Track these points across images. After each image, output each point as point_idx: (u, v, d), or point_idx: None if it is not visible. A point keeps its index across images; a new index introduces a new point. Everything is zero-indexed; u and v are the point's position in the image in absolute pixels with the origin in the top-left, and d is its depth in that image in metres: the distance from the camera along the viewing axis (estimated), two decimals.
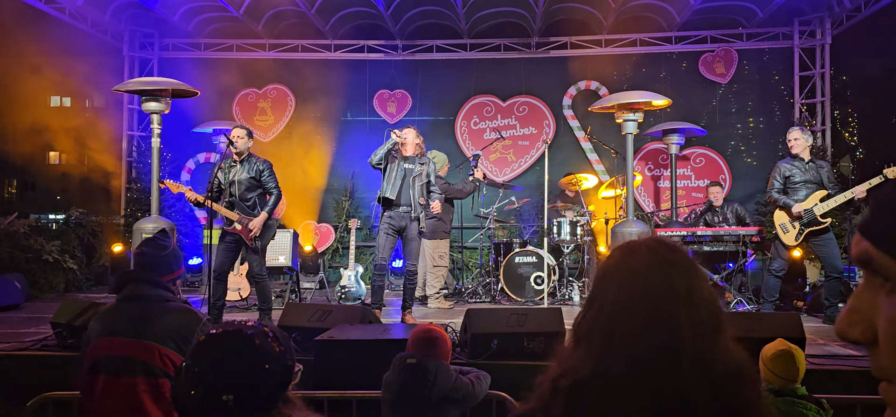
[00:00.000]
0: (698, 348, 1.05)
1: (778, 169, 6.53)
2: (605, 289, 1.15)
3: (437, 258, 7.71)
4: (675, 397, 1.03)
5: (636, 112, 7.70)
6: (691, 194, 10.55)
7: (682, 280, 1.10)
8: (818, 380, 3.89)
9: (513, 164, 11.00)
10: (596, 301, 1.15)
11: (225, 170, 6.06)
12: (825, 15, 10.21)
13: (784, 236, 6.47)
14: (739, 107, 10.69)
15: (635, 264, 1.14)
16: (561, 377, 1.11)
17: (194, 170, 11.13)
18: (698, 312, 1.08)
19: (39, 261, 8.72)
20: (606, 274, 1.17)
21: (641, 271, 1.12)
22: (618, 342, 1.07)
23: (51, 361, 4.56)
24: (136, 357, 2.53)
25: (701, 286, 1.11)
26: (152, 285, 2.69)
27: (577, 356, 1.12)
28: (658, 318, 1.07)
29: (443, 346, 3.05)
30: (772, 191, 6.52)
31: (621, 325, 1.08)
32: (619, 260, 1.17)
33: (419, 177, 6.40)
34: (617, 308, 1.10)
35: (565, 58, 11.01)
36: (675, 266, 1.12)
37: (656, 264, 1.12)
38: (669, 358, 1.04)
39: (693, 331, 1.06)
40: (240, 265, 7.59)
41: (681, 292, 1.09)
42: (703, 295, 1.10)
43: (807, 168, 6.41)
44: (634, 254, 1.15)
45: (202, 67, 11.12)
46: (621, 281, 1.13)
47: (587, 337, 1.13)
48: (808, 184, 6.38)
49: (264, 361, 1.55)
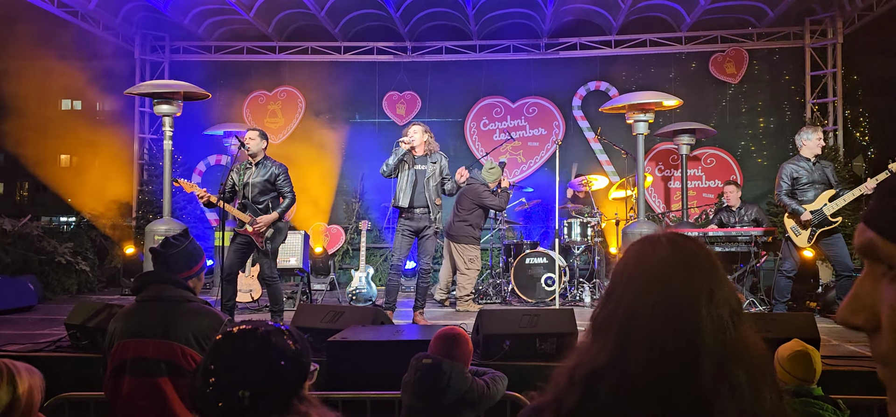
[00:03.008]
0: (718, 349, 1.03)
1: (784, 170, 6.48)
2: (624, 283, 1.13)
3: (467, 262, 7.55)
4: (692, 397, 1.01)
5: (647, 112, 7.68)
6: (702, 195, 10.51)
7: (703, 277, 1.08)
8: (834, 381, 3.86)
9: (523, 165, 10.99)
10: (614, 294, 1.14)
11: (239, 171, 6.08)
12: (836, 14, 10.14)
13: (796, 238, 6.43)
14: (750, 108, 10.64)
15: (655, 258, 1.12)
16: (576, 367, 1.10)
17: (205, 173, 11.18)
18: (719, 312, 1.06)
19: (52, 263, 8.78)
20: (625, 267, 1.15)
21: (662, 266, 1.10)
22: (635, 337, 1.06)
23: (66, 362, 4.59)
24: (162, 357, 2.55)
25: (722, 285, 1.09)
26: (173, 285, 2.71)
27: (594, 348, 1.11)
28: (678, 316, 1.05)
29: (464, 348, 3.04)
30: (780, 193, 6.47)
31: (640, 321, 1.07)
32: (639, 253, 1.15)
33: (433, 177, 6.35)
34: (636, 303, 1.09)
35: (575, 58, 10.99)
36: (697, 262, 1.10)
37: (678, 259, 1.10)
38: (688, 358, 1.03)
39: (714, 331, 1.04)
40: (251, 267, 7.62)
41: (702, 290, 1.07)
42: (724, 294, 1.08)
43: (813, 168, 6.38)
44: (655, 248, 1.13)
45: (213, 70, 11.20)
46: (641, 276, 1.11)
47: (604, 330, 1.11)
48: (816, 184, 6.35)
49: (280, 358, 1.55)
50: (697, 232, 7.37)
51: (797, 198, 6.40)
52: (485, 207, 7.64)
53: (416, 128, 6.41)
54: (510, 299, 8.02)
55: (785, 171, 6.46)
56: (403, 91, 11.17)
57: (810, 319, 4.43)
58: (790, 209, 6.39)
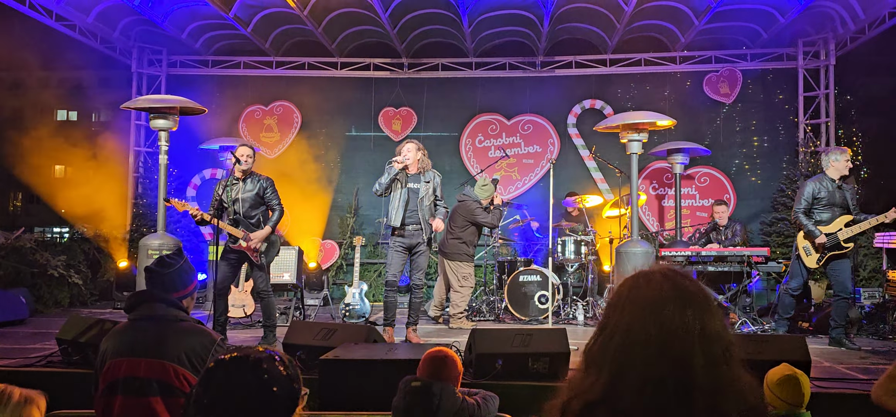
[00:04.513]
0: (710, 385, 1.04)
1: (806, 188, 6.43)
2: (618, 316, 1.14)
3: (460, 279, 7.55)
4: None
5: (641, 132, 7.72)
6: (696, 213, 10.55)
7: (696, 314, 1.09)
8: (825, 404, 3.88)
9: (517, 183, 11.02)
10: (608, 327, 1.14)
11: (228, 187, 6.09)
12: (829, 36, 10.24)
13: (807, 259, 6.42)
14: (744, 127, 10.71)
15: (649, 293, 1.13)
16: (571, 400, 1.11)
17: (200, 186, 11.18)
18: (712, 348, 1.07)
19: (45, 276, 8.74)
20: (619, 300, 1.16)
21: (655, 302, 1.11)
22: (628, 371, 1.07)
23: (57, 378, 4.57)
24: (154, 377, 2.54)
25: (715, 320, 1.10)
26: (166, 304, 2.71)
27: (588, 380, 1.12)
28: (671, 352, 1.06)
29: (452, 369, 3.05)
30: (798, 211, 6.42)
31: (633, 356, 1.08)
32: (632, 287, 1.16)
33: (426, 197, 6.35)
34: (629, 337, 1.10)
35: (570, 76, 11.06)
36: (690, 298, 1.11)
37: (671, 296, 1.11)
38: (680, 393, 1.04)
39: (705, 368, 1.05)
40: (245, 281, 7.61)
41: (695, 327, 1.08)
42: (716, 330, 1.09)
43: (835, 190, 6.34)
44: (649, 283, 1.14)
45: (209, 84, 11.23)
46: (634, 311, 1.12)
47: (598, 363, 1.12)
48: (835, 206, 6.32)
49: (272, 385, 1.56)
50: (690, 252, 7.40)
51: (813, 218, 6.38)
52: (477, 224, 7.65)
53: (410, 146, 6.37)
54: (504, 316, 8.01)
55: (807, 189, 6.41)
56: (399, 107, 11.21)
57: (802, 342, 4.44)
58: (806, 229, 6.35)
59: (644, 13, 9.61)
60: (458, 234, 7.58)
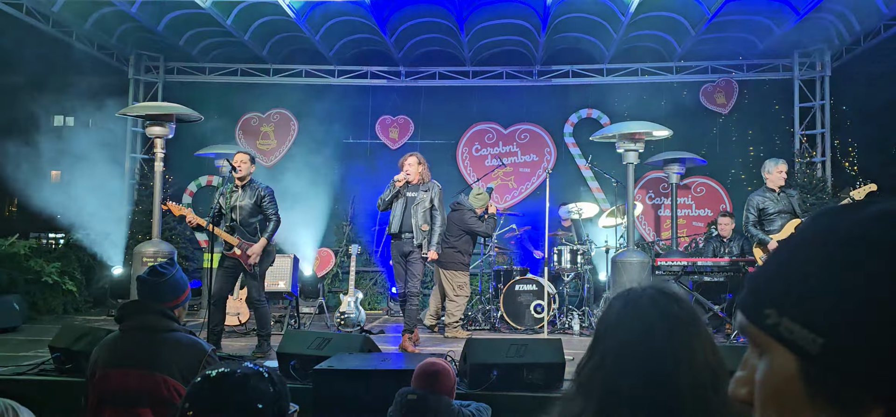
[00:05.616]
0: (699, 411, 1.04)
1: (751, 201, 6.66)
2: (607, 340, 1.14)
3: (456, 288, 7.54)
4: None
5: (637, 142, 7.72)
6: (692, 223, 10.56)
7: (684, 337, 1.09)
8: None
9: (513, 191, 11.02)
10: (597, 351, 1.15)
11: (226, 195, 6.07)
12: (825, 48, 10.28)
13: None
14: (740, 137, 10.74)
15: (638, 316, 1.13)
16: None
17: (196, 193, 11.16)
18: (700, 373, 1.07)
19: (39, 283, 8.70)
20: (608, 324, 1.16)
21: (644, 326, 1.11)
22: (618, 396, 1.07)
23: (49, 386, 4.54)
24: (145, 388, 2.52)
25: (704, 343, 1.10)
26: (157, 314, 2.69)
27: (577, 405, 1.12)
28: (659, 377, 1.06)
29: (446, 381, 3.03)
30: (747, 224, 6.64)
31: (622, 380, 1.08)
32: (621, 311, 1.16)
33: (421, 204, 6.42)
34: (618, 362, 1.10)
35: (567, 86, 11.08)
36: (678, 321, 1.11)
37: (659, 321, 1.11)
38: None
39: (693, 394, 1.05)
40: (239, 290, 7.57)
41: (683, 351, 1.08)
42: (705, 353, 1.09)
43: (779, 198, 6.54)
44: (637, 306, 1.14)
45: (206, 91, 11.21)
46: (623, 335, 1.12)
47: (587, 388, 1.13)
48: (782, 213, 6.50)
49: (257, 401, 1.54)
50: (686, 262, 7.39)
51: (764, 228, 6.53)
52: (472, 233, 7.64)
53: (412, 161, 6.53)
54: (499, 326, 7.99)
55: (752, 202, 6.63)
56: (396, 115, 11.22)
57: None
58: (757, 239, 6.54)
59: (641, 23, 9.64)
60: (454, 243, 7.56)
